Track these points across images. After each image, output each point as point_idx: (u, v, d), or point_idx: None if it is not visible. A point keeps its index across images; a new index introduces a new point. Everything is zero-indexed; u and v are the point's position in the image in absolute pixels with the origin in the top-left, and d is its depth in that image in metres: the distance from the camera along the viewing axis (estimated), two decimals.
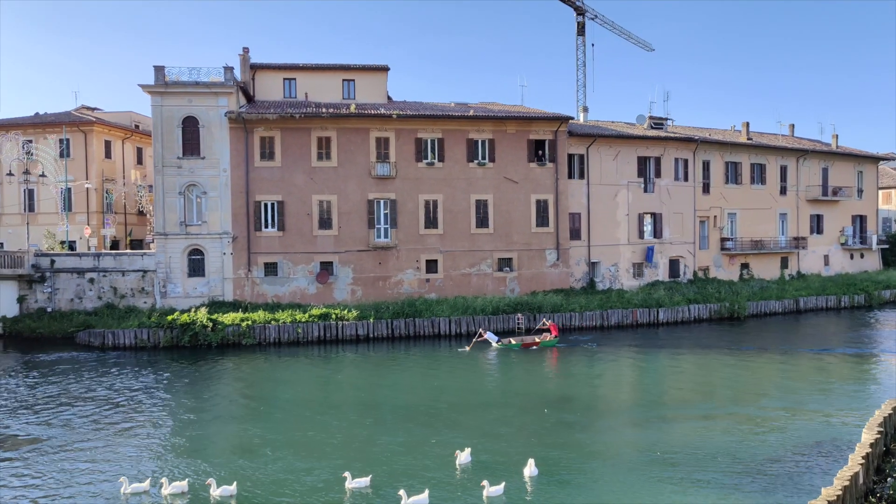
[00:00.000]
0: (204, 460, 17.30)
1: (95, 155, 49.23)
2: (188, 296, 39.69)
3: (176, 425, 21.08)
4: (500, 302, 39.83)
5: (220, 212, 40.31)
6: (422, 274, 42.21)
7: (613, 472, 16.17)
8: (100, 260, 40.50)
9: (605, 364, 30.35)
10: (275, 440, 19.00)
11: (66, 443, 18.96)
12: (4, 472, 16.60)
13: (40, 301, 39.75)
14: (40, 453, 18.02)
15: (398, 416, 21.70)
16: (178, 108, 39.88)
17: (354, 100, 44.79)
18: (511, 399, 24.10)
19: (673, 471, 16.19)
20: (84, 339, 36.26)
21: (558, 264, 44.05)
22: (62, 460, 17.40)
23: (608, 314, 40.53)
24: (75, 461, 17.31)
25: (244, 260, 40.49)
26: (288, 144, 40.98)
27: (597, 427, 20.43)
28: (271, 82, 44.89)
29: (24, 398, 24.41)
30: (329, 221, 41.38)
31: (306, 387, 26.84)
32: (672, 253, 48.07)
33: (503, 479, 14.95)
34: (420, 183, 42.22)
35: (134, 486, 14.92)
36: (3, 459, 17.57)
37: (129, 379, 27.55)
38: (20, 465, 17.02)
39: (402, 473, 15.99)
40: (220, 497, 14.73)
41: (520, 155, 43.40)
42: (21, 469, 16.76)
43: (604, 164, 45.81)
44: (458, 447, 17.21)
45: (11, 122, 50.18)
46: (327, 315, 37.13)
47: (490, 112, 44.11)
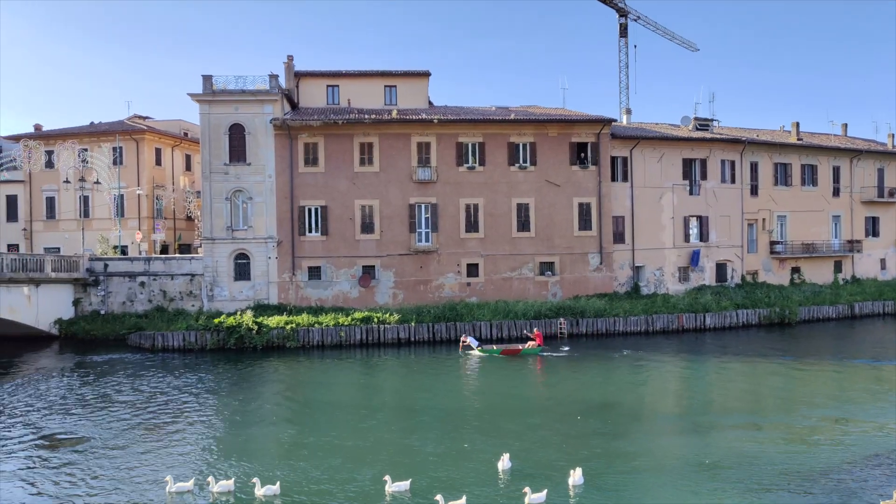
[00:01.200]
0: (248, 460, 17.58)
1: (146, 162, 50.72)
2: (234, 299, 40.50)
3: (221, 426, 21.50)
4: (541, 306, 39.53)
5: (266, 217, 41.05)
6: (463, 278, 42.19)
7: (660, 481, 15.82)
8: (150, 264, 41.67)
9: (649, 370, 29.81)
10: (317, 442, 19.19)
11: (114, 442, 19.51)
12: (54, 469, 17.16)
13: (94, 304, 41.09)
14: (89, 451, 18.57)
15: (438, 420, 21.69)
16: (224, 116, 40.81)
17: (396, 105, 45.13)
18: (554, 405, 23.84)
19: (722, 481, 15.77)
20: (135, 340, 37.31)
21: (601, 268, 43.50)
22: (110, 459, 17.90)
23: (653, 319, 39.83)
24: (123, 460, 17.78)
25: (288, 264, 41.13)
26: (331, 150, 41.51)
27: (642, 435, 20.04)
28: (315, 89, 45.58)
29: (76, 398, 25.23)
30: (371, 226, 41.74)
31: (348, 390, 27.07)
32: (719, 256, 47.00)
33: (545, 487, 14.78)
34: (461, 187, 42.25)
35: (178, 485, 15.24)
36: (54, 458, 18.17)
37: (176, 380, 28.23)
38: (70, 463, 17.56)
39: (441, 478, 15.96)
40: (264, 496, 14.95)
41: (562, 158, 43.06)
42: (70, 467, 17.29)
43: (648, 167, 45.10)
44: (497, 453, 17.12)
45: (68, 131, 52.13)
46: (369, 318, 37.43)
47: (531, 115, 43.89)
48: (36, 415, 22.82)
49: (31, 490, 15.76)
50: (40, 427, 21.29)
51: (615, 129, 45.13)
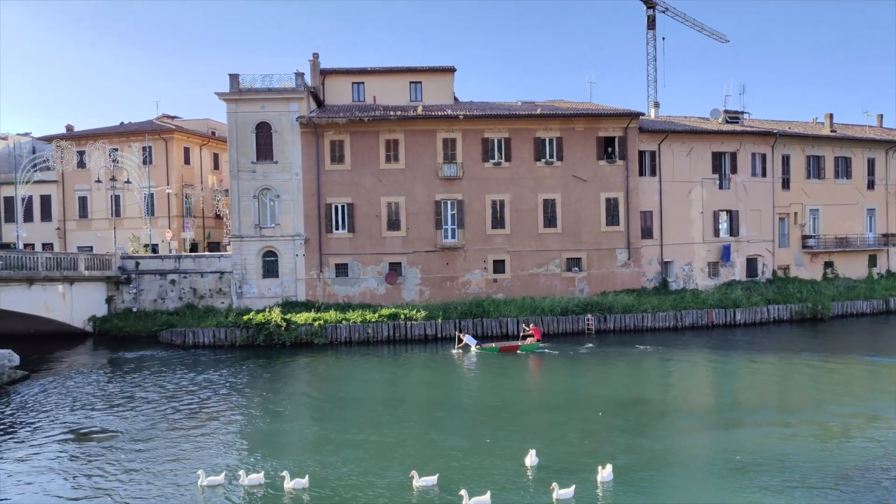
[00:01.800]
0: (277, 455, 17.75)
1: (175, 161, 51.46)
2: (263, 296, 40.91)
3: (251, 421, 21.73)
4: (568, 302, 39.27)
5: (293, 214, 41.38)
6: (489, 274, 42.11)
7: (690, 478, 15.62)
8: (180, 262, 42.29)
9: (677, 367, 29.45)
10: (345, 437, 19.30)
11: (146, 436, 19.84)
12: (88, 463, 17.49)
13: (126, 301, 41.83)
14: (122, 446, 18.90)
15: (465, 416, 21.68)
16: (251, 115, 41.19)
17: (421, 102, 45.15)
18: (580, 401, 23.66)
19: (753, 477, 15.52)
20: (166, 337, 37.89)
21: (629, 264, 43.08)
22: (142, 453, 18.20)
23: (682, 315, 39.34)
24: (155, 454, 18.07)
25: (316, 261, 41.42)
26: (357, 147, 41.68)
27: (670, 431, 19.79)
28: (340, 87, 45.78)
29: (109, 393, 25.70)
30: (397, 223, 41.84)
31: (376, 386, 27.19)
32: (749, 251, 46.24)
33: (572, 483, 14.68)
34: (487, 183, 42.14)
35: (210, 478, 15.44)
36: (87, 451, 18.53)
37: (207, 376, 28.60)
38: (103, 457, 17.89)
39: (468, 473, 15.94)
40: (293, 489, 15.09)
41: (588, 153, 42.70)
42: (103, 460, 17.61)
43: (676, 161, 44.52)
44: (522, 448, 17.06)
45: (99, 131, 53.08)
46: (396, 315, 37.54)
47: (558, 110, 43.59)
48: (70, 409, 23.30)
49: (64, 483, 16.09)
50: (74, 421, 21.73)
51: (643, 122, 44.63)
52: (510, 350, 33.07)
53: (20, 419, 22.15)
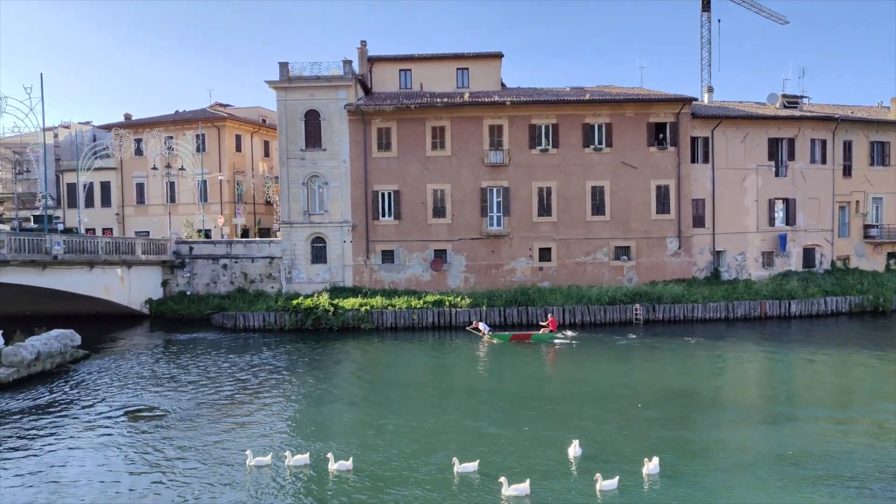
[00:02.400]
0: (322, 437, 18.07)
1: (227, 148, 52.58)
2: (311, 281, 41.60)
3: (297, 403, 22.17)
4: (616, 292, 38.70)
5: (341, 201, 41.85)
6: (535, 262, 41.82)
7: (739, 472, 15.23)
8: (232, 247, 43.31)
9: (728, 358, 28.75)
10: (388, 422, 19.51)
11: (196, 416, 20.45)
12: (141, 441, 18.13)
13: (181, 285, 43.12)
14: (174, 425, 19.54)
15: (506, 404, 21.63)
16: (300, 102, 41.71)
17: (468, 88, 44.94)
18: (624, 392, 23.31)
19: (805, 472, 15.07)
20: (218, 320, 38.93)
21: (680, 253, 42.17)
22: (193, 432, 18.77)
23: (734, 306, 38.34)
24: (204, 433, 18.61)
25: (363, 247, 41.86)
26: (404, 135, 41.81)
27: (718, 425, 19.33)
28: (387, 74, 45.92)
29: (162, 374, 26.58)
30: (443, 210, 41.89)
31: (420, 372, 27.39)
32: (806, 241, 44.67)
33: (616, 474, 14.52)
34: (533, 170, 41.75)
35: (258, 459, 15.83)
36: (140, 430, 19.20)
37: (256, 359, 29.29)
38: (155, 436, 18.53)
39: (509, 461, 15.92)
40: (337, 471, 15.37)
41: (639, 139, 41.86)
42: (156, 439, 18.24)
43: (730, 147, 43.22)
44: (564, 438, 16.94)
45: (155, 119, 54.62)
46: (441, 302, 37.68)
47: (607, 95, 42.79)
48: (125, 388, 24.20)
49: (118, 460, 16.72)
50: (129, 400, 22.56)
51: (696, 108, 43.46)
52: (522, 338, 32.85)
53: (80, 397, 23.12)
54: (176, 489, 14.64)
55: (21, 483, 15.21)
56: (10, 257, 31.69)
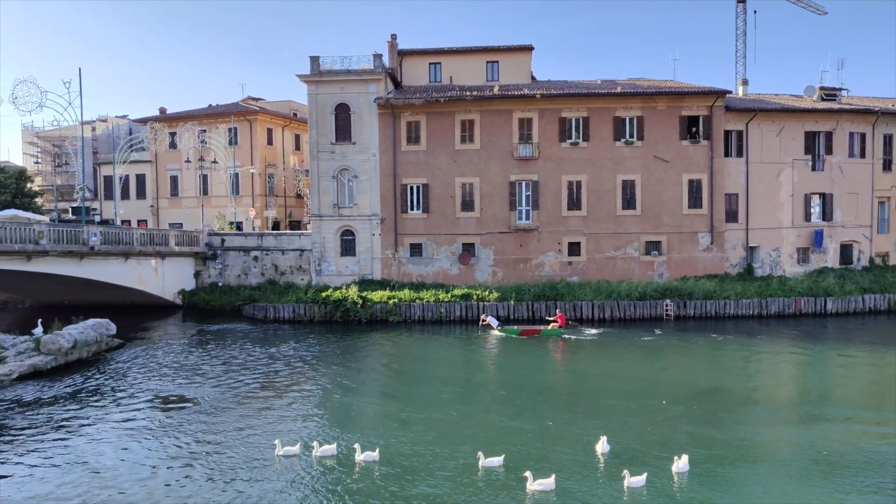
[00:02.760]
0: (349, 429, 18.22)
1: (259, 142, 53.17)
2: (340, 274, 41.93)
3: (325, 394, 22.39)
4: (646, 287, 38.27)
5: (370, 194, 42.06)
6: (564, 256, 41.55)
7: (772, 473, 14.95)
8: (262, 239, 43.84)
9: (761, 356, 28.23)
10: (415, 414, 19.61)
11: (226, 406, 20.77)
12: (171, 430, 18.47)
13: (212, 276, 43.81)
14: (203, 414, 19.86)
15: (532, 399, 21.55)
16: (331, 96, 41.95)
17: (498, 81, 44.74)
18: (657, 388, 23.07)
19: (840, 476, 14.74)
20: (249, 312, 39.46)
21: (712, 248, 41.53)
22: (222, 422, 19.06)
23: (767, 303, 37.64)
24: (234, 423, 18.89)
25: (391, 240, 42.03)
26: (433, 128, 41.81)
27: (749, 423, 18.98)
28: (417, 67, 45.94)
29: (193, 364, 27.05)
30: (471, 203, 41.83)
31: (447, 365, 27.44)
32: (844, 237, 43.61)
33: (644, 471, 14.38)
34: (563, 163, 41.45)
35: (286, 448, 16.03)
36: (171, 419, 19.56)
37: (285, 350, 29.65)
38: (186, 425, 18.86)
39: (535, 456, 15.87)
40: (364, 461, 15.50)
41: (671, 133, 41.26)
42: (186, 428, 18.56)
43: (765, 141, 42.36)
44: (588, 433, 16.83)
45: (189, 113, 55.45)
46: (469, 295, 37.67)
47: (639, 88, 42.23)
48: (157, 377, 24.69)
49: (148, 448, 17.05)
50: (161, 389, 23.01)
51: (730, 100, 42.67)
52: (531, 333, 32.70)
53: (115, 385, 23.65)
54: (206, 477, 14.90)
55: (57, 469, 15.63)
56: (49, 248, 32.54)
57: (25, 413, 20.05)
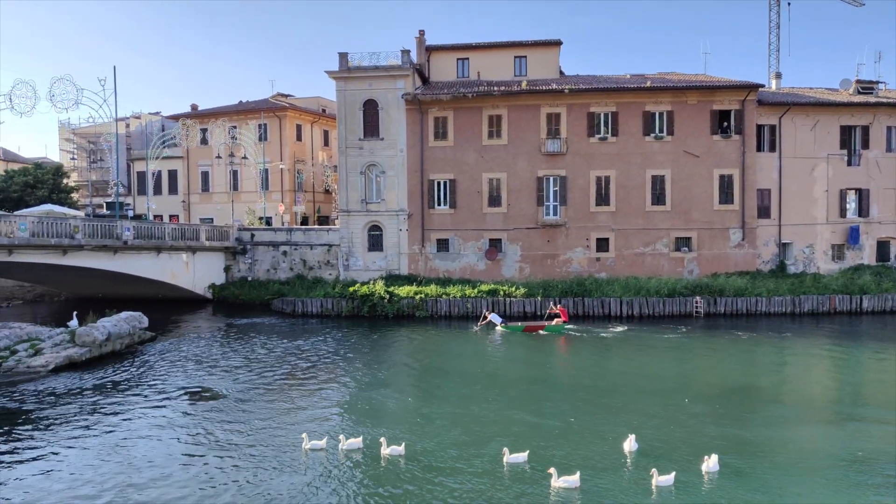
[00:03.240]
0: (375, 423, 18.32)
1: (288, 138, 53.64)
2: (368, 269, 42.16)
3: (352, 388, 22.52)
4: (676, 284, 37.80)
5: (397, 190, 42.18)
6: (592, 252, 41.24)
7: (805, 473, 14.62)
8: (291, 234, 44.26)
9: (794, 354, 27.72)
10: (440, 408, 19.65)
11: (254, 399, 21.02)
12: (200, 422, 18.73)
13: (242, 271, 44.37)
14: (233, 407, 20.12)
15: (561, 396, 21.45)
16: (359, 92, 42.13)
17: (526, 76, 44.49)
18: (686, 386, 22.77)
19: (874, 475, 14.40)
20: (278, 306, 39.89)
21: (743, 244, 40.86)
22: (250, 414, 19.29)
23: (801, 300, 36.91)
24: (262, 416, 19.10)
25: (418, 236, 42.12)
26: (460, 124, 41.76)
27: (784, 422, 18.62)
28: (445, 63, 45.88)
29: (223, 357, 27.43)
30: (498, 199, 41.71)
31: (473, 360, 27.41)
32: (881, 233, 42.53)
33: (673, 469, 14.21)
34: (592, 158, 41.10)
35: (313, 442, 16.16)
36: (200, 411, 19.86)
37: (313, 344, 29.90)
38: (216, 417, 19.13)
39: (562, 453, 15.77)
40: (389, 455, 15.58)
41: (701, 127, 40.65)
42: (215, 420, 18.83)
43: (799, 135, 41.50)
44: (616, 431, 16.68)
45: (219, 110, 56.15)
46: (496, 291, 37.60)
47: (668, 82, 41.65)
48: (188, 370, 25.09)
49: (178, 441, 17.33)
50: (191, 382, 23.37)
51: (762, 94, 41.87)
52: (534, 329, 32.54)
53: (146, 377, 24.11)
54: (235, 470, 15.10)
55: (90, 459, 15.97)
56: (84, 242, 33.26)
57: (61, 403, 20.54)
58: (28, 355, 25.41)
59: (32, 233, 30.91)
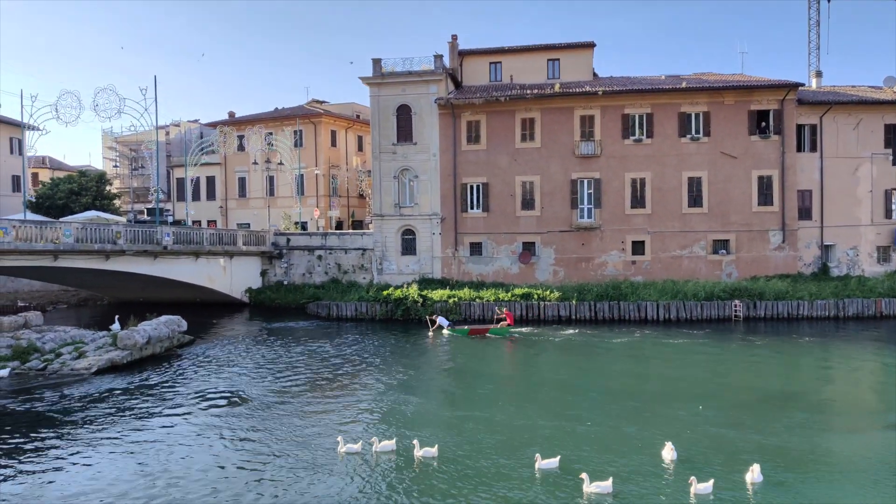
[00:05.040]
0: (408, 426, 18.34)
1: (323, 144, 54.25)
2: (401, 273, 42.36)
3: (385, 392, 22.60)
4: (714, 287, 37.11)
5: (430, 194, 42.32)
6: (627, 256, 40.76)
7: (851, 484, 14.16)
8: (326, 239, 44.73)
9: (839, 359, 26.98)
10: (473, 412, 19.58)
11: (290, 402, 21.21)
12: (238, 426, 18.98)
13: (278, 275, 44.98)
14: (268, 411, 20.31)
15: (596, 401, 21.22)
16: (392, 98, 42.42)
17: (559, 79, 44.28)
18: (724, 392, 22.35)
19: None
20: (313, 310, 40.32)
21: (784, 247, 39.96)
22: (287, 418, 19.47)
23: (844, 304, 35.93)
24: (298, 419, 19.26)
25: (451, 240, 42.18)
26: (493, 127, 41.74)
27: (831, 430, 18.05)
28: (477, 67, 45.93)
29: (259, 360, 27.79)
30: (531, 202, 41.54)
31: (506, 365, 27.34)
32: None
33: (712, 477, 13.88)
34: (626, 161, 40.67)
35: (349, 446, 16.26)
36: (238, 414, 20.12)
37: (348, 348, 30.13)
38: (252, 420, 19.35)
39: (594, 460, 15.58)
40: (423, 457, 15.60)
41: (739, 128, 39.92)
42: (251, 423, 19.05)
43: (841, 135, 40.46)
44: (655, 437, 16.41)
45: (255, 117, 57.08)
46: (529, 295, 37.40)
47: (705, 83, 41.00)
48: (225, 374, 25.47)
49: (214, 443, 17.59)
50: (228, 385, 23.71)
51: (802, 93, 40.94)
52: (480, 332, 32.60)
53: (185, 380, 24.57)
54: (272, 473, 15.24)
55: (129, 458, 16.33)
56: (126, 247, 34.12)
57: (103, 405, 21.05)
58: (72, 358, 26.14)
59: (77, 238, 31.81)
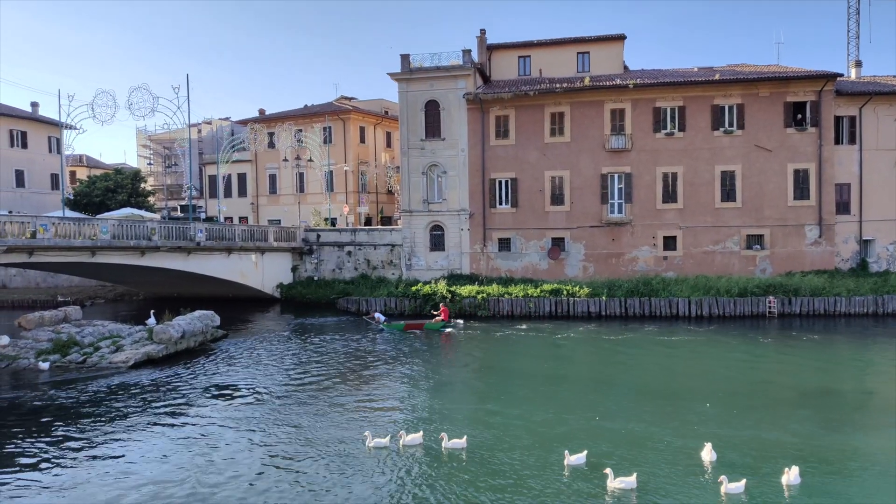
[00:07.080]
0: (436, 420, 18.38)
1: (352, 140, 54.56)
2: (430, 268, 42.43)
3: (413, 386, 22.70)
4: (747, 283, 36.45)
5: (458, 190, 42.28)
6: (658, 251, 40.25)
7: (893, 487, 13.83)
8: (356, 235, 45.01)
9: (879, 357, 26.29)
10: (501, 408, 19.53)
11: (320, 396, 21.41)
12: (268, 419, 19.20)
13: (308, 270, 45.39)
14: (298, 405, 20.53)
15: (627, 397, 20.99)
16: (421, 93, 42.44)
17: (589, 72, 43.83)
18: (759, 388, 21.95)
19: None
20: (343, 305, 40.62)
21: (820, 242, 39.06)
22: (317, 411, 19.65)
23: (884, 300, 35.00)
24: (326, 414, 19.41)
25: (480, 235, 42.10)
26: (522, 122, 41.50)
27: (871, 430, 17.62)
28: (506, 61, 45.71)
29: (290, 355, 28.11)
30: (561, 197, 41.23)
31: (536, 361, 27.15)
32: None
33: (744, 477, 13.61)
34: (658, 155, 40.12)
35: (377, 440, 16.36)
36: (269, 408, 20.34)
37: (377, 343, 30.30)
38: (283, 415, 19.55)
39: (625, 457, 15.43)
40: (451, 449, 15.63)
41: (774, 120, 39.08)
42: (281, 418, 19.25)
43: (882, 127, 39.35)
44: (687, 436, 16.16)
45: (285, 114, 57.63)
46: (558, 291, 37.16)
47: (739, 74, 40.22)
48: (256, 368, 25.81)
49: (246, 436, 17.82)
50: (260, 379, 24.02)
51: (840, 84, 39.91)
52: (415, 328, 32.89)
53: (217, 373, 24.95)
54: (302, 466, 15.41)
55: (164, 450, 16.64)
56: (160, 244, 34.75)
57: (140, 398, 21.50)
58: (110, 351, 26.76)
59: (113, 235, 32.50)
